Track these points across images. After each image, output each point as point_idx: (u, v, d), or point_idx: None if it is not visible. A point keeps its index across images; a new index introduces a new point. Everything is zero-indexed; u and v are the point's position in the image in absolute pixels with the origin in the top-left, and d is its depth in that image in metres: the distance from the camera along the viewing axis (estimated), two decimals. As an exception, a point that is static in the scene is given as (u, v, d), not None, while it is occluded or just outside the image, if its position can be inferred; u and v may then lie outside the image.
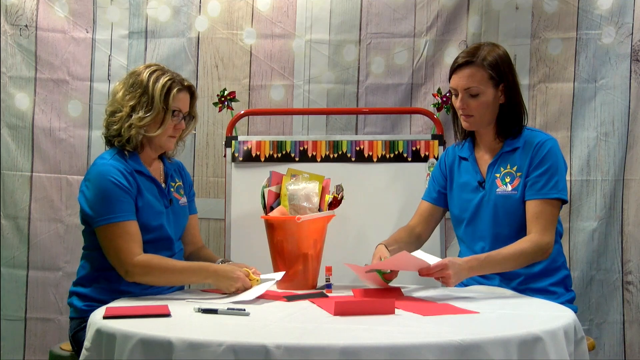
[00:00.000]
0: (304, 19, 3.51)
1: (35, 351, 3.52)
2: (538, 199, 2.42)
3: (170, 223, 2.48)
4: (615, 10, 3.37)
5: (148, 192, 2.43)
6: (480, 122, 2.51)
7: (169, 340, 1.69)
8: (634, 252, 3.38)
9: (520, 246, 2.39)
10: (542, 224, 2.41)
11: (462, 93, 2.48)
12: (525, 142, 2.50)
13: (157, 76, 2.45)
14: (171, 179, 2.57)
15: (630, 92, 3.36)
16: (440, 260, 2.25)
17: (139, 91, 2.44)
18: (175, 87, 2.46)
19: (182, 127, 2.51)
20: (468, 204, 2.56)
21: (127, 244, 2.31)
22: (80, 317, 2.38)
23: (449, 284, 2.24)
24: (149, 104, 2.43)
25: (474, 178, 2.56)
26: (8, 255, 3.52)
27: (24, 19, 3.50)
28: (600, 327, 3.39)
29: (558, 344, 1.80)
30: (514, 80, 2.52)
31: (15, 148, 3.51)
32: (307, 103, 3.51)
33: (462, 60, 2.48)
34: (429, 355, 1.63)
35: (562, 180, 2.46)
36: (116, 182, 2.34)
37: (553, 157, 2.45)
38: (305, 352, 1.62)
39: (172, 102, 2.45)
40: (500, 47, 2.54)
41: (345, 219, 2.85)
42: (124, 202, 2.34)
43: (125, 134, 2.43)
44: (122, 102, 2.45)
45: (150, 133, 2.45)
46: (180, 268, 2.37)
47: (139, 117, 2.41)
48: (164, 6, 3.54)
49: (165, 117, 2.45)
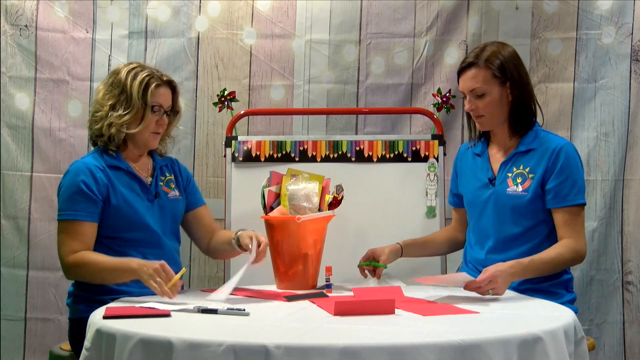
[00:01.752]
0: (304, 19, 3.51)
1: (35, 351, 3.52)
2: (565, 206, 2.45)
3: (155, 217, 2.48)
4: (615, 10, 3.37)
5: (125, 188, 2.44)
6: (491, 122, 2.53)
7: (169, 341, 1.69)
8: (634, 252, 3.38)
9: (557, 251, 2.41)
10: (574, 230, 2.44)
11: (469, 95, 2.51)
12: (541, 145, 2.51)
13: (135, 73, 2.46)
14: (160, 172, 2.57)
15: (630, 92, 3.36)
16: (486, 273, 2.24)
17: (117, 90, 2.45)
18: (153, 83, 2.46)
19: (164, 123, 2.52)
20: (476, 200, 2.57)
21: (68, 241, 2.35)
22: (79, 317, 2.37)
23: (500, 292, 2.24)
24: (127, 102, 2.44)
25: (484, 175, 2.57)
26: (8, 255, 3.52)
27: (24, 19, 3.50)
28: (600, 327, 3.39)
29: (558, 344, 1.80)
30: (522, 77, 2.52)
31: (15, 148, 3.51)
32: (307, 103, 3.51)
33: (465, 63, 2.52)
34: (429, 355, 1.63)
35: (582, 185, 2.49)
36: (81, 183, 2.37)
37: (573, 162, 2.48)
38: (305, 352, 1.62)
39: (151, 98, 2.45)
40: (507, 45, 2.56)
41: (345, 219, 2.85)
42: (83, 202, 2.37)
43: (106, 133, 2.44)
44: (102, 101, 2.47)
45: (131, 130, 2.45)
46: (108, 266, 2.31)
47: (118, 115, 2.43)
48: (164, 6, 3.54)
49: (145, 114, 2.45)
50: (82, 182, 2.37)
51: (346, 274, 2.66)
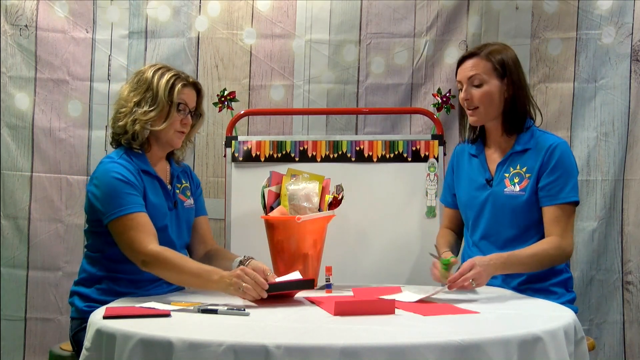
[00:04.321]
0: (304, 19, 3.51)
1: (35, 351, 3.52)
2: (556, 204, 2.44)
3: (173, 226, 2.47)
4: (615, 10, 3.37)
5: (153, 193, 2.43)
6: (485, 115, 2.52)
7: (169, 341, 1.69)
8: (634, 252, 3.38)
9: (542, 247, 2.40)
10: (562, 227, 2.43)
11: (466, 84, 2.51)
12: (537, 144, 2.50)
13: (161, 72, 2.47)
14: (177, 180, 2.56)
15: (630, 92, 3.36)
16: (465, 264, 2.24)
17: (143, 87, 2.45)
18: (179, 82, 2.47)
19: (189, 122, 2.51)
20: (474, 201, 2.57)
21: (140, 234, 2.29)
22: (81, 317, 2.37)
23: (482, 282, 2.24)
24: (153, 99, 2.43)
25: (482, 176, 2.56)
26: (8, 255, 3.52)
27: (24, 19, 3.50)
28: (600, 327, 3.39)
29: (558, 344, 1.80)
30: (520, 79, 2.52)
31: (15, 148, 3.51)
32: (307, 103, 3.51)
33: (467, 53, 2.54)
34: (429, 355, 1.63)
35: (576, 183, 2.48)
36: (122, 178, 2.34)
37: (566, 160, 2.47)
38: (305, 352, 1.62)
39: (177, 96, 2.45)
40: (509, 47, 2.57)
41: (345, 219, 2.85)
42: (132, 195, 2.33)
43: (130, 129, 2.43)
44: (127, 98, 2.46)
45: (155, 127, 2.44)
46: (192, 271, 2.26)
47: (143, 112, 2.42)
48: (164, 6, 3.54)
49: (171, 111, 2.45)
50: (124, 177, 2.34)
51: (346, 274, 2.66)
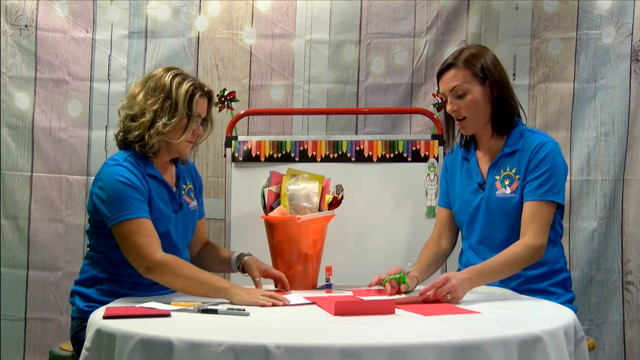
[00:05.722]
0: (304, 19, 3.51)
1: (35, 351, 3.52)
2: (534, 200, 2.40)
3: (177, 229, 2.45)
4: (615, 10, 3.38)
5: (158, 197, 2.40)
6: (475, 123, 2.49)
7: (169, 340, 1.69)
8: (634, 252, 3.38)
9: (513, 250, 2.36)
10: (536, 226, 2.38)
11: (449, 96, 2.48)
12: (525, 144, 2.48)
13: (179, 81, 2.40)
14: (183, 181, 2.53)
15: (630, 92, 3.36)
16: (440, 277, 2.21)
17: (162, 95, 2.38)
18: (197, 93, 2.41)
19: (200, 133, 2.47)
20: (468, 205, 2.55)
21: (146, 240, 2.26)
22: (82, 317, 2.37)
23: (458, 296, 2.17)
24: (172, 110, 2.37)
25: (474, 179, 2.55)
26: (8, 255, 3.52)
27: (24, 19, 3.50)
28: (600, 327, 3.39)
29: (558, 344, 1.80)
30: (502, 77, 2.49)
31: (15, 148, 3.51)
32: (307, 103, 3.51)
33: (444, 65, 2.50)
34: (429, 355, 1.63)
35: (559, 183, 2.43)
36: (128, 182, 2.31)
37: (552, 159, 2.43)
38: (305, 352, 1.62)
39: (195, 108, 2.41)
40: (485, 48, 2.54)
41: (345, 219, 2.85)
42: (137, 199, 2.31)
43: (149, 141, 2.38)
44: (144, 105, 2.38)
45: (172, 139, 2.40)
46: (198, 278, 2.25)
47: (163, 124, 2.36)
48: (164, 6, 3.54)
49: (189, 124, 2.40)
50: (130, 182, 2.31)
51: (346, 274, 2.66)
